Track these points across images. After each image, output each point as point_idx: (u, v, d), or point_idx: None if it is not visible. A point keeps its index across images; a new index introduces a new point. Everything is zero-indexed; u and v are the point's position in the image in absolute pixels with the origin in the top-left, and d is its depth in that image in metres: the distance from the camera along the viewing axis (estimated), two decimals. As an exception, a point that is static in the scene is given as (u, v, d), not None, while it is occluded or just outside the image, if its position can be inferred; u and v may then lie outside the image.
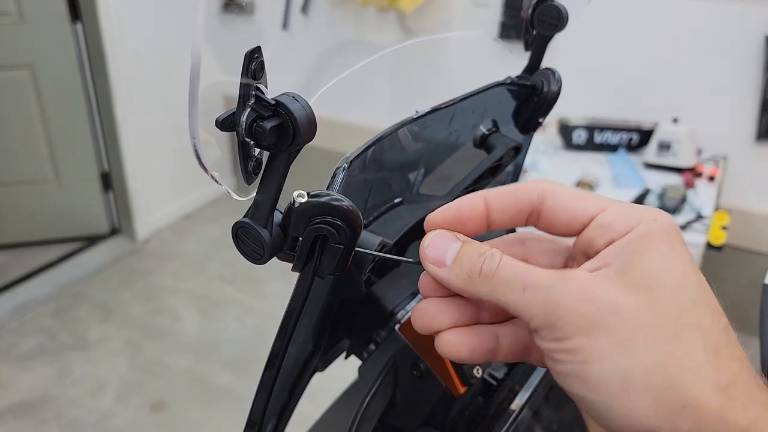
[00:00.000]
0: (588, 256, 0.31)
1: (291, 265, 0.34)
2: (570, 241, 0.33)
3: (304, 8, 2.84)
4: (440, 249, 0.31)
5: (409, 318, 0.48)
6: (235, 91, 0.28)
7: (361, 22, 2.77)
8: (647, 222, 0.29)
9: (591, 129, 2.26)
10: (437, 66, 2.62)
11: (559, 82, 0.54)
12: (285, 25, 2.89)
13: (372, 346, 0.52)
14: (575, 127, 2.26)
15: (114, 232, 3.09)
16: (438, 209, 0.34)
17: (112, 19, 2.66)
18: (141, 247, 3.02)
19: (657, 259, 0.28)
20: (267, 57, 0.29)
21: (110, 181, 2.99)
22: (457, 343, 0.32)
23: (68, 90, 2.77)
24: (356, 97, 2.72)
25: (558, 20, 0.52)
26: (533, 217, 0.32)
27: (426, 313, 0.33)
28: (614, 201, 0.31)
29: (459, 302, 0.33)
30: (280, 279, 2.67)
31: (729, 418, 0.26)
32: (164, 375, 2.26)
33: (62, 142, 2.85)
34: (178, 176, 3.15)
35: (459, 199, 0.33)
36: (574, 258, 0.32)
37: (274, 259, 0.34)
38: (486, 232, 0.34)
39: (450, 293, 0.33)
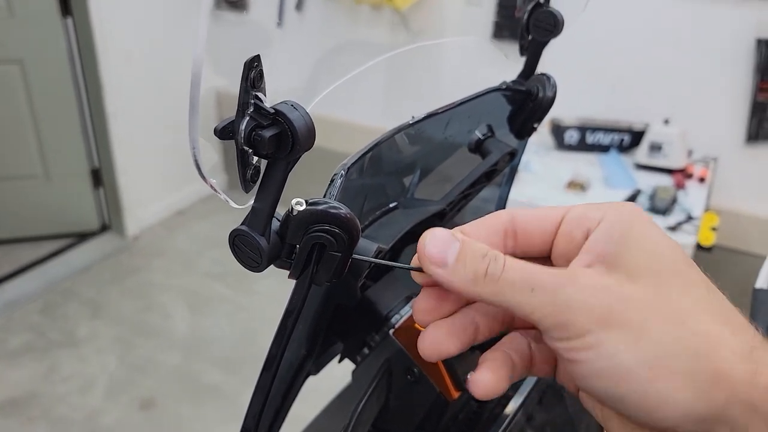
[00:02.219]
0: (569, 257, 0.31)
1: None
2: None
3: (299, 5, 2.83)
4: (441, 248, 0.30)
5: (404, 323, 0.49)
6: (228, 89, 0.28)
7: (354, 20, 2.77)
8: (616, 207, 0.30)
9: (583, 129, 2.26)
10: (432, 66, 2.62)
11: (554, 87, 0.54)
12: (279, 22, 2.88)
13: (366, 351, 0.52)
14: (567, 128, 2.26)
15: (104, 228, 3.07)
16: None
17: (103, 13, 2.64)
18: (131, 244, 3.01)
19: (642, 241, 0.29)
20: (261, 54, 0.28)
21: (100, 177, 2.97)
22: (493, 381, 0.31)
23: (58, 85, 2.75)
24: (350, 96, 2.71)
25: (553, 26, 0.52)
26: (510, 239, 0.33)
27: (435, 340, 0.32)
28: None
29: (458, 320, 0.33)
30: (270, 277, 2.65)
31: (760, 381, 0.26)
32: (153, 372, 2.25)
33: (52, 137, 2.82)
34: (170, 172, 3.13)
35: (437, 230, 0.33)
36: (557, 263, 0.33)
37: None
38: None
39: (445, 313, 0.33)
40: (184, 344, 2.39)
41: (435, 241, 0.31)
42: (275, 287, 2.59)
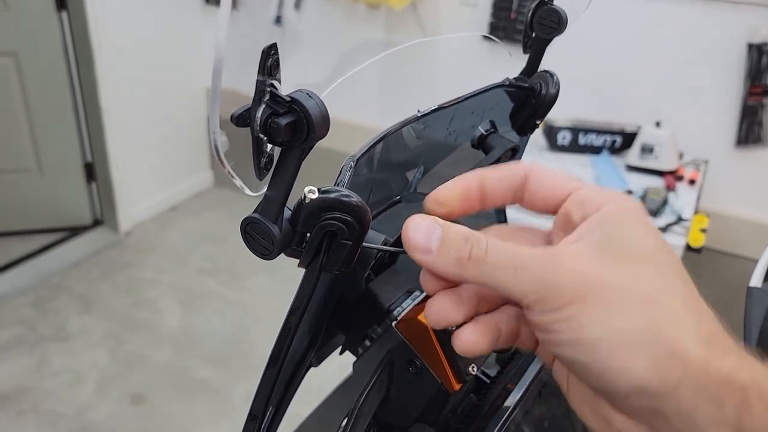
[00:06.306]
0: (566, 231, 0.33)
1: (274, 260, 0.34)
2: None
3: (297, 4, 2.84)
4: (425, 235, 0.32)
5: (406, 315, 0.49)
6: (227, 86, 0.28)
7: (351, 19, 2.78)
8: (618, 200, 0.33)
9: (575, 131, 2.28)
10: (430, 66, 2.63)
11: (557, 85, 0.54)
12: (278, 20, 2.89)
13: (367, 342, 0.52)
14: (560, 129, 2.28)
15: (96, 223, 3.06)
16: (439, 188, 0.36)
17: (98, 7, 2.63)
18: (123, 239, 3.00)
19: (632, 232, 0.31)
20: (258, 51, 0.29)
21: (94, 171, 2.95)
22: (475, 339, 0.33)
23: (52, 79, 2.73)
24: (349, 96, 2.72)
25: (558, 24, 0.53)
26: (519, 195, 0.35)
27: (441, 308, 0.33)
28: (588, 183, 0.35)
29: (463, 293, 0.34)
30: (261, 273, 2.66)
31: (711, 365, 0.28)
32: (144, 368, 2.24)
33: (45, 131, 2.81)
34: (163, 168, 3.12)
35: (458, 178, 0.36)
36: (553, 237, 0.35)
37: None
38: (478, 210, 0.36)
39: (452, 284, 0.34)
40: (175, 340, 2.38)
41: (417, 229, 0.32)
42: (266, 284, 2.58)
